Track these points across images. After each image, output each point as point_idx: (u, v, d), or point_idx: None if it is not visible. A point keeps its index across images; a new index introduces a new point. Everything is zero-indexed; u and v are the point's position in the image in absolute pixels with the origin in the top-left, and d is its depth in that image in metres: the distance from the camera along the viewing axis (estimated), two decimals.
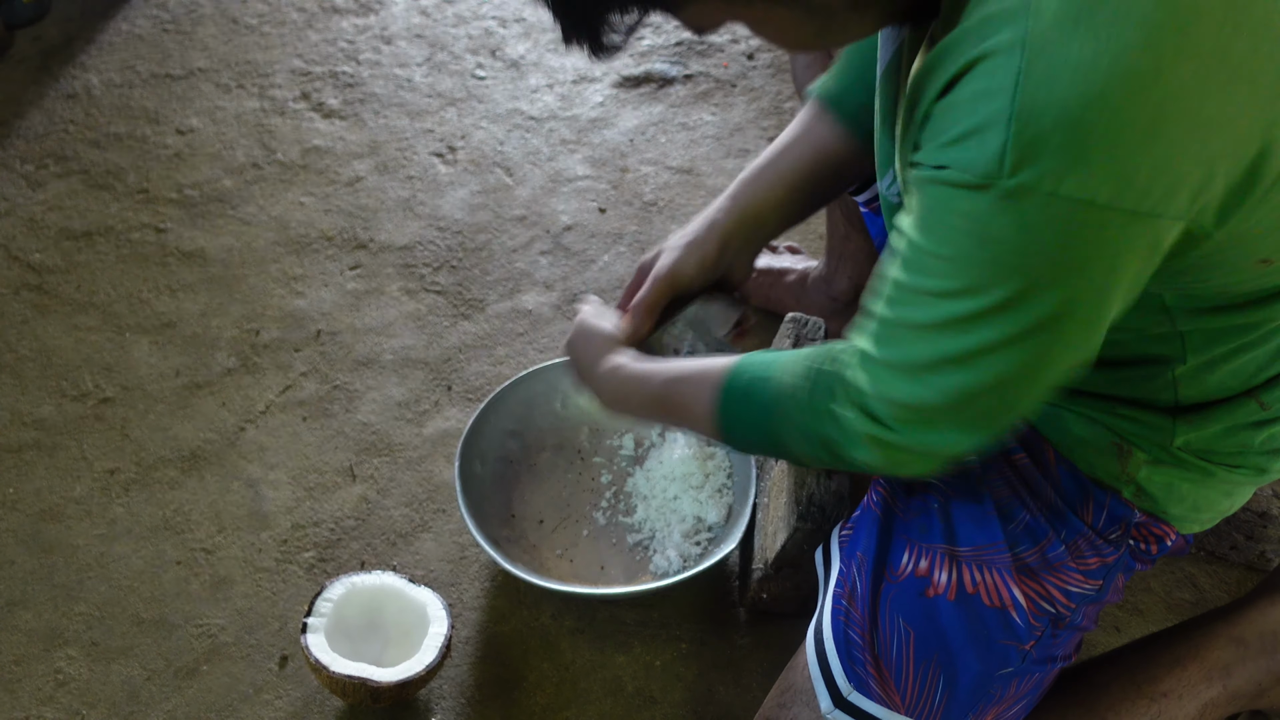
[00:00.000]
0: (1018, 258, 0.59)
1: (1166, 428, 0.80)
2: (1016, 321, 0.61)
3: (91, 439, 1.42)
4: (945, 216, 0.61)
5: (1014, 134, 0.55)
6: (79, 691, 1.18)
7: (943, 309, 0.64)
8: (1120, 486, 0.84)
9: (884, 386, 0.69)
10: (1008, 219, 0.57)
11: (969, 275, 0.61)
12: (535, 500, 1.29)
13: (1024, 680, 0.85)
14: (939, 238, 0.62)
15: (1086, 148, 0.54)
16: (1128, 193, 0.55)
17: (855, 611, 0.86)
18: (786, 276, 1.50)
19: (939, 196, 0.61)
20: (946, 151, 0.59)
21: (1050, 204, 0.56)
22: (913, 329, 0.66)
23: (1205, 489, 0.84)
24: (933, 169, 0.60)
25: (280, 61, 2.02)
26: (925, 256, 0.64)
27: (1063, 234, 0.57)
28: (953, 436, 0.69)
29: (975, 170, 0.57)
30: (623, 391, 0.93)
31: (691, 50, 2.00)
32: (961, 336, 0.64)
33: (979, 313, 0.62)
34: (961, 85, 0.58)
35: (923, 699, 0.83)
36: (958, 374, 0.65)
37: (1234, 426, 0.80)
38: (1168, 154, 0.54)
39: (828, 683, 0.86)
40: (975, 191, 0.58)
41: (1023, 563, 0.84)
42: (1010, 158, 0.55)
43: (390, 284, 1.61)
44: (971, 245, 0.60)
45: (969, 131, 0.57)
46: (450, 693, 1.16)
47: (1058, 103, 0.53)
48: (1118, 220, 0.56)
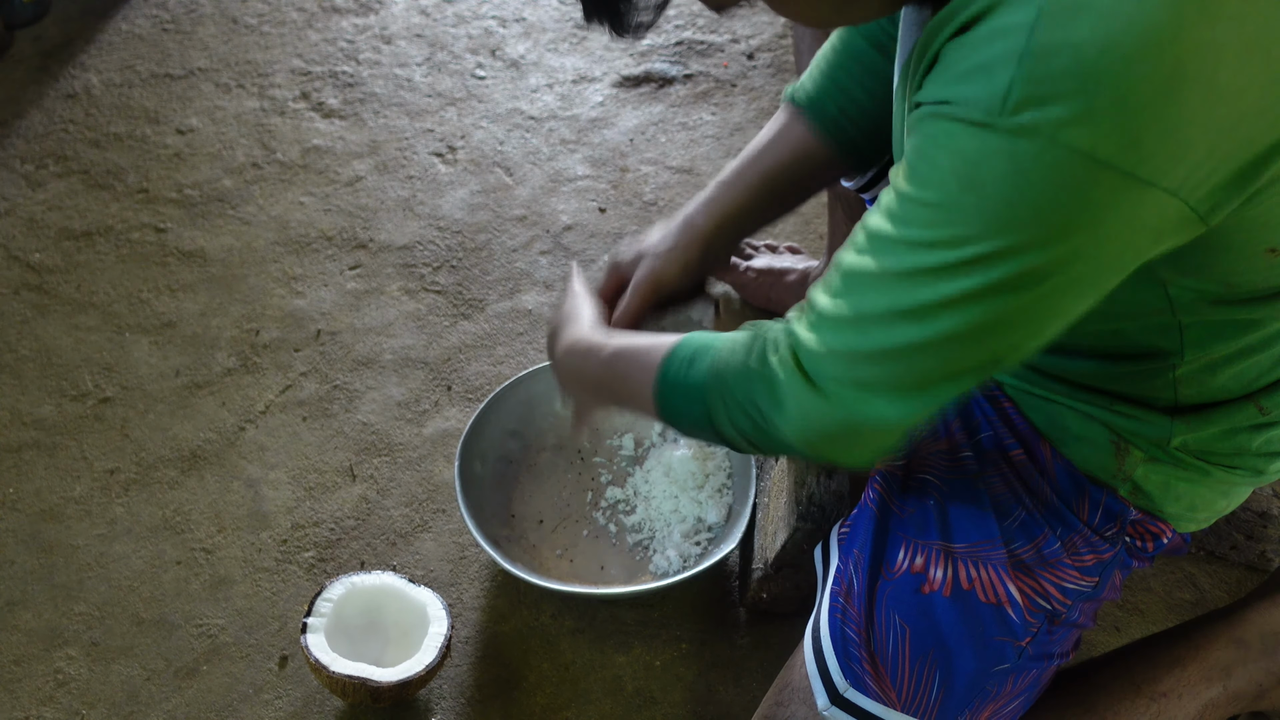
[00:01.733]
0: (1004, 206, 0.57)
1: (1164, 427, 0.80)
2: (984, 276, 0.59)
3: (91, 439, 1.42)
4: (937, 155, 0.59)
5: (1024, 72, 0.53)
6: (79, 691, 1.18)
7: (911, 258, 0.61)
8: (1116, 484, 0.84)
9: (824, 335, 0.67)
10: (1001, 161, 0.56)
11: (949, 223, 0.59)
12: (535, 500, 1.29)
13: (1020, 677, 0.85)
14: (926, 180, 0.60)
15: (1095, 97, 0.52)
16: (1129, 153, 0.54)
17: (852, 609, 0.86)
18: (787, 276, 1.50)
19: (935, 133, 0.59)
20: (951, 86, 0.57)
21: (1048, 151, 0.54)
22: (873, 277, 0.64)
23: (1202, 488, 0.84)
24: (934, 104, 0.59)
25: (280, 61, 2.02)
26: (907, 203, 0.62)
27: (1056, 184, 0.55)
28: (881, 404, 0.65)
29: (978, 105, 0.56)
30: (573, 362, 0.91)
31: (691, 50, 2.00)
32: (921, 288, 0.61)
33: (948, 265, 0.60)
34: (980, 25, 0.56)
35: (919, 695, 0.83)
36: (905, 327, 0.62)
37: (1232, 429, 0.80)
38: (1175, 120, 0.53)
39: (824, 680, 0.86)
40: (974, 129, 0.56)
41: (1018, 559, 0.84)
42: (1016, 95, 0.54)
43: (390, 284, 1.62)
44: (958, 188, 0.58)
45: (978, 66, 0.56)
46: (450, 693, 1.16)
47: (1073, 46, 0.52)
48: (1112, 181, 0.55)
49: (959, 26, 0.58)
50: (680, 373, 0.79)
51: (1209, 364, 0.76)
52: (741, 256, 1.57)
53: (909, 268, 0.62)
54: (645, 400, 0.82)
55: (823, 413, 0.68)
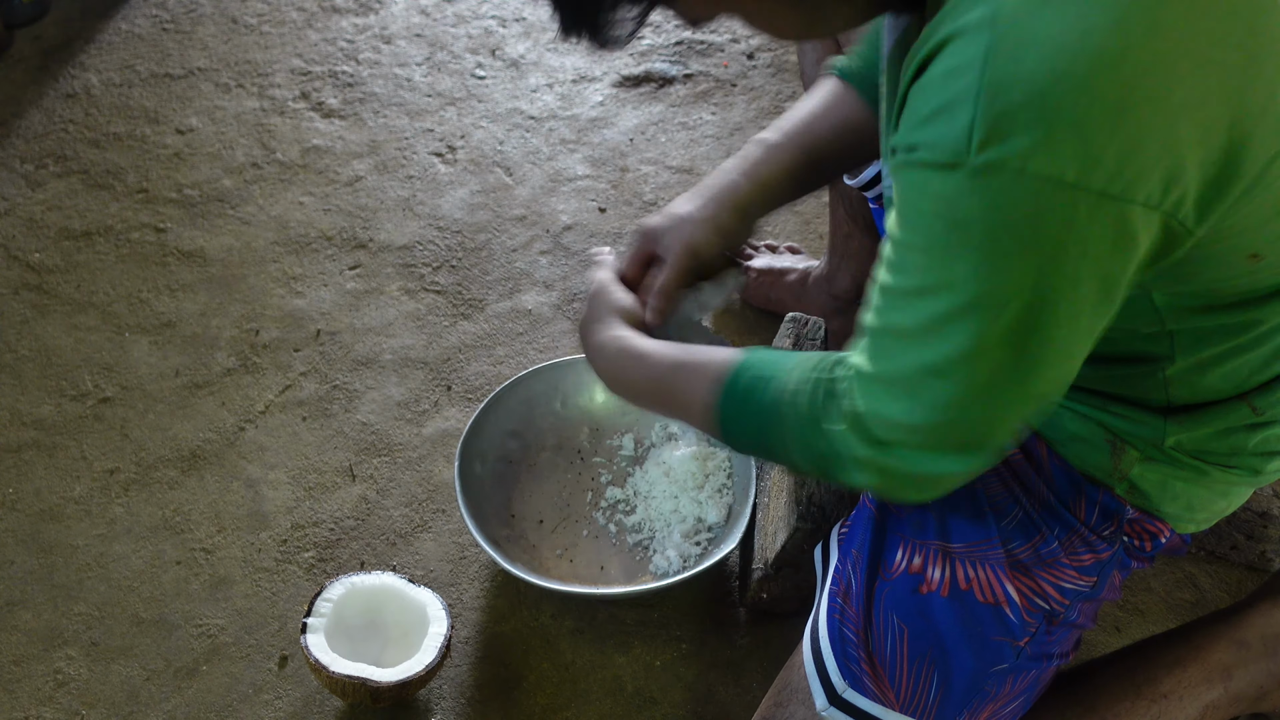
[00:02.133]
0: (988, 241, 0.58)
1: (1158, 427, 0.80)
2: (990, 319, 0.60)
3: (91, 439, 1.42)
4: (918, 202, 0.60)
5: (982, 109, 0.54)
6: (78, 691, 1.18)
7: (920, 310, 0.63)
8: (1113, 483, 0.84)
9: (877, 405, 0.68)
10: (976, 199, 0.57)
11: (940, 267, 0.60)
12: (535, 500, 1.29)
13: (1019, 677, 0.85)
14: (913, 226, 0.61)
15: (1054, 124, 0.53)
16: (1096, 172, 0.54)
17: (850, 609, 0.86)
18: (787, 276, 1.50)
19: (912, 181, 0.60)
20: (917, 131, 0.58)
21: (1018, 182, 0.55)
22: (897, 336, 0.65)
23: (1199, 488, 0.84)
24: (905, 152, 0.60)
25: (280, 61, 2.02)
26: (902, 251, 0.63)
27: (1032, 214, 0.56)
28: (947, 460, 0.68)
29: (944, 148, 0.57)
30: (620, 365, 0.90)
31: (691, 50, 2.00)
32: (939, 341, 0.62)
33: (952, 311, 0.61)
34: (934, 65, 0.57)
35: (917, 695, 0.83)
36: (941, 385, 0.64)
37: (1226, 429, 0.80)
38: (1135, 135, 0.54)
39: (823, 680, 0.86)
40: (945, 171, 0.57)
41: (1016, 559, 0.84)
42: (978, 134, 0.55)
43: (390, 284, 1.61)
44: (942, 230, 0.59)
45: (938, 109, 0.57)
46: (450, 693, 1.16)
47: (1025, 78, 0.53)
48: (1087, 201, 0.55)
49: (916, 69, 0.59)
50: (742, 407, 0.79)
51: (1198, 365, 0.76)
52: (742, 256, 1.57)
53: (922, 320, 0.63)
54: (700, 419, 0.83)
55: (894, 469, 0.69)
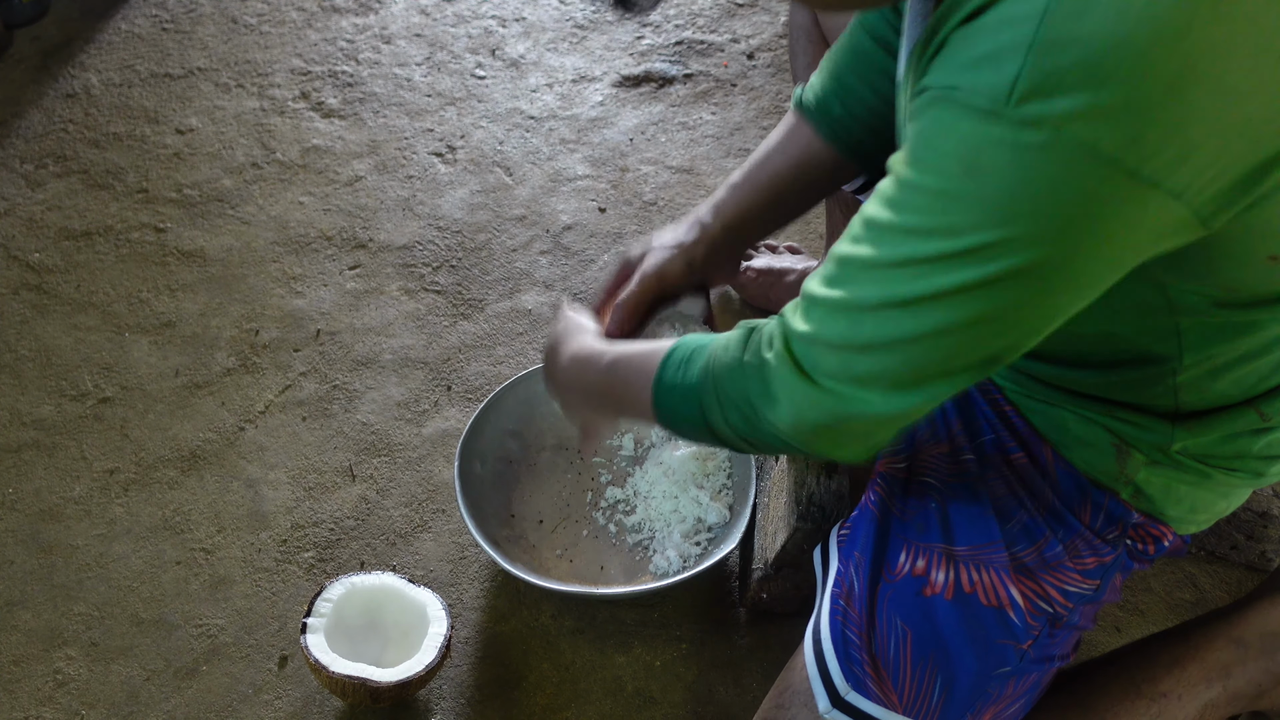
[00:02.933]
0: (1004, 196, 0.56)
1: (1165, 433, 0.80)
2: (980, 269, 0.59)
3: (91, 439, 1.42)
4: (940, 140, 0.59)
5: (1032, 62, 0.53)
6: (78, 691, 1.18)
7: (908, 247, 0.61)
8: (1118, 487, 0.84)
9: (817, 324, 0.67)
10: (1004, 151, 0.55)
11: (947, 211, 0.59)
12: (535, 500, 1.29)
13: (1021, 680, 0.85)
14: (927, 165, 0.60)
15: (1103, 91, 0.52)
16: (1134, 149, 0.53)
17: (853, 611, 0.86)
18: (786, 276, 1.50)
19: (940, 117, 0.58)
20: (959, 73, 0.57)
21: (1053, 142, 0.54)
22: (869, 265, 0.64)
23: (1202, 491, 0.84)
24: (941, 89, 0.58)
25: (280, 61, 2.02)
26: (906, 189, 0.61)
27: (1057, 178, 0.55)
28: (873, 397, 0.66)
29: (985, 93, 0.55)
30: (576, 374, 0.92)
31: (691, 50, 2.00)
32: (918, 279, 0.61)
33: (945, 255, 0.59)
34: (989, 13, 0.56)
35: (920, 698, 0.83)
36: (899, 318, 0.62)
37: (1233, 434, 0.80)
38: (1184, 116, 0.52)
39: (825, 683, 0.86)
40: (979, 116, 0.56)
41: (1020, 562, 0.84)
42: (1023, 86, 0.53)
43: (390, 284, 1.61)
44: (960, 174, 0.58)
45: (986, 54, 0.55)
46: (450, 693, 1.16)
47: (1083, 38, 0.51)
48: (1115, 179, 0.54)
49: (968, 13, 0.57)
50: (676, 375, 0.80)
51: (1209, 370, 0.75)
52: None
53: (905, 256, 0.61)
54: (644, 405, 0.83)
55: (814, 403, 0.68)
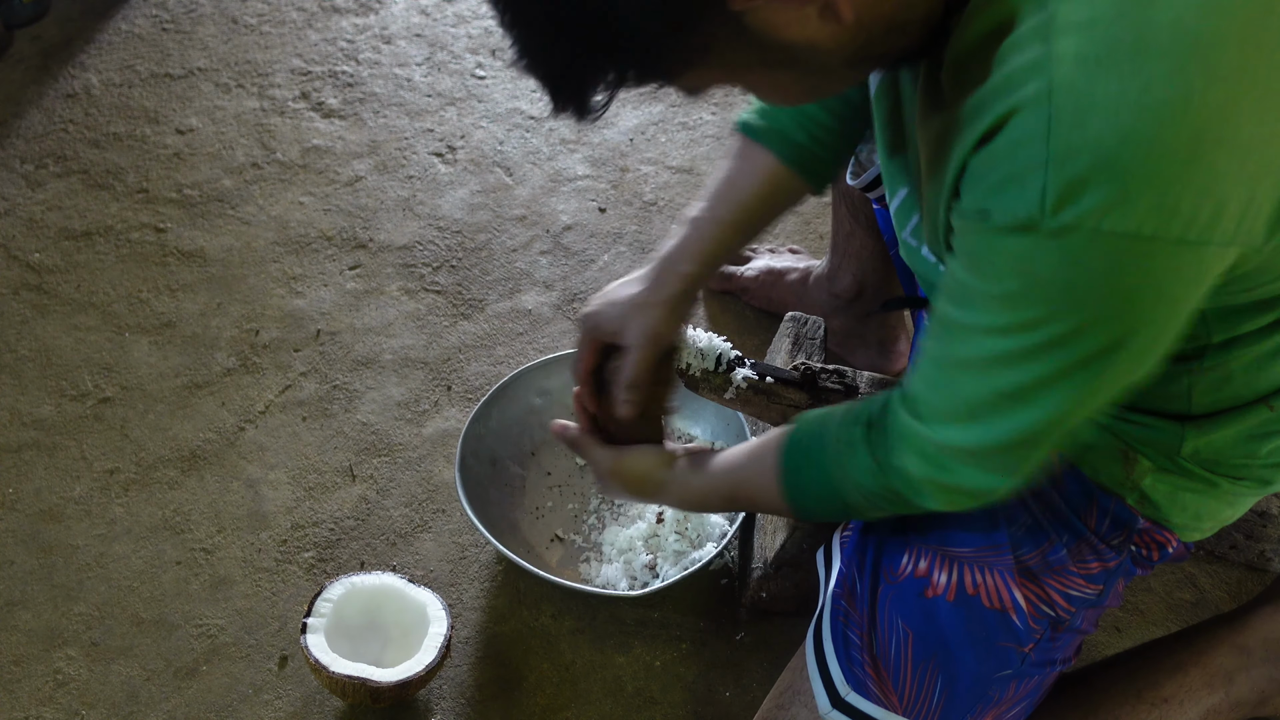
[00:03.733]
0: (1068, 294, 0.59)
1: (1175, 434, 0.80)
2: (1070, 355, 0.62)
3: (91, 439, 1.42)
4: (991, 256, 0.61)
5: (1052, 176, 0.55)
6: (78, 691, 1.18)
7: (993, 345, 0.64)
8: (1124, 493, 0.83)
9: (940, 430, 0.71)
10: (1054, 258, 0.58)
11: (1021, 311, 0.62)
12: (534, 500, 1.29)
13: (1023, 683, 0.85)
14: (988, 276, 0.62)
15: (1126, 183, 0.53)
16: (1173, 222, 0.55)
17: (854, 612, 0.86)
18: (788, 276, 1.50)
19: (982, 240, 0.61)
20: (988, 198, 0.59)
21: (1095, 240, 0.56)
22: (965, 366, 0.67)
23: (1208, 499, 0.83)
24: (976, 217, 0.61)
25: (280, 61, 2.02)
26: (976, 295, 0.64)
27: (1111, 269, 0.57)
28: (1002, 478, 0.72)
29: (1018, 212, 0.57)
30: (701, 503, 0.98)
31: None
32: (1015, 370, 0.64)
33: (1031, 348, 0.63)
34: (999, 138, 0.58)
35: (921, 700, 0.83)
36: (1015, 410, 0.66)
37: (1242, 436, 0.79)
38: (1208, 180, 0.54)
39: (826, 683, 0.86)
40: (1019, 234, 0.58)
41: (1024, 565, 0.84)
42: (1050, 198, 0.55)
43: (390, 284, 1.61)
44: (1020, 282, 0.61)
45: (1007, 178, 0.57)
46: (450, 693, 1.16)
47: (1092, 142, 0.53)
48: (1165, 250, 0.56)
49: (979, 138, 0.59)
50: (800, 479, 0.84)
51: (1226, 373, 0.76)
52: (740, 261, 1.57)
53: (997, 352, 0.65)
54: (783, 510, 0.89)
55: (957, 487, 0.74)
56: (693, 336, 1.05)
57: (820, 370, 1.10)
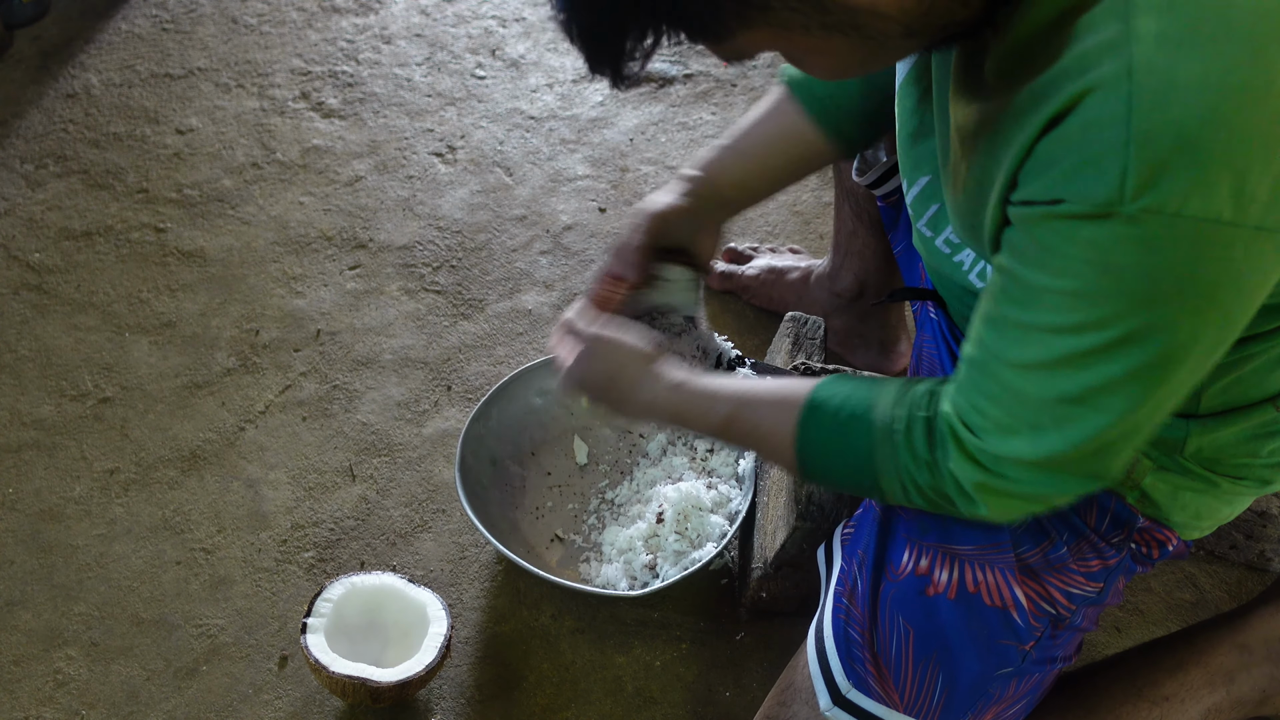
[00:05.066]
0: (1144, 284, 0.58)
1: (1180, 432, 0.79)
2: (1142, 354, 0.60)
3: (91, 439, 1.42)
4: (1064, 248, 0.59)
5: (1133, 159, 0.54)
6: (78, 691, 1.17)
7: (1060, 344, 0.62)
8: (1124, 492, 0.84)
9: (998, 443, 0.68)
10: (1132, 245, 0.56)
11: (1092, 308, 0.60)
12: (534, 499, 1.29)
13: (1023, 680, 0.85)
14: (1056, 270, 0.60)
15: (1208, 166, 0.53)
16: (1252, 208, 0.54)
17: (855, 610, 0.86)
18: (789, 275, 1.50)
19: (1056, 229, 0.59)
20: (1061, 185, 0.58)
21: (1175, 225, 0.55)
22: (1027, 370, 0.65)
23: (1208, 498, 0.84)
24: (1045, 204, 0.59)
25: (280, 61, 2.02)
26: (1040, 292, 0.62)
27: (1190, 255, 0.56)
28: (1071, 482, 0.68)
29: (1095, 199, 0.56)
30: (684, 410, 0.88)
31: (691, 50, 2.00)
32: (1084, 372, 0.62)
33: (1101, 347, 0.61)
34: (1070, 119, 0.56)
35: (921, 697, 0.83)
36: (1081, 415, 0.64)
37: (1245, 435, 0.79)
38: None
39: (827, 681, 0.86)
40: (1097, 221, 0.57)
41: (1024, 563, 0.84)
42: (1132, 183, 0.54)
43: (390, 284, 1.61)
44: (1094, 275, 0.59)
45: (1085, 161, 0.56)
46: (450, 693, 1.16)
47: (1174, 124, 0.53)
48: (1244, 238, 0.55)
49: (1048, 120, 0.58)
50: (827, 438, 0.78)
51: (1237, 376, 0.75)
52: (741, 260, 1.57)
53: (1060, 354, 0.62)
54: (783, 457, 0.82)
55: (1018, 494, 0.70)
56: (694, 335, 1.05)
57: (820, 370, 1.10)
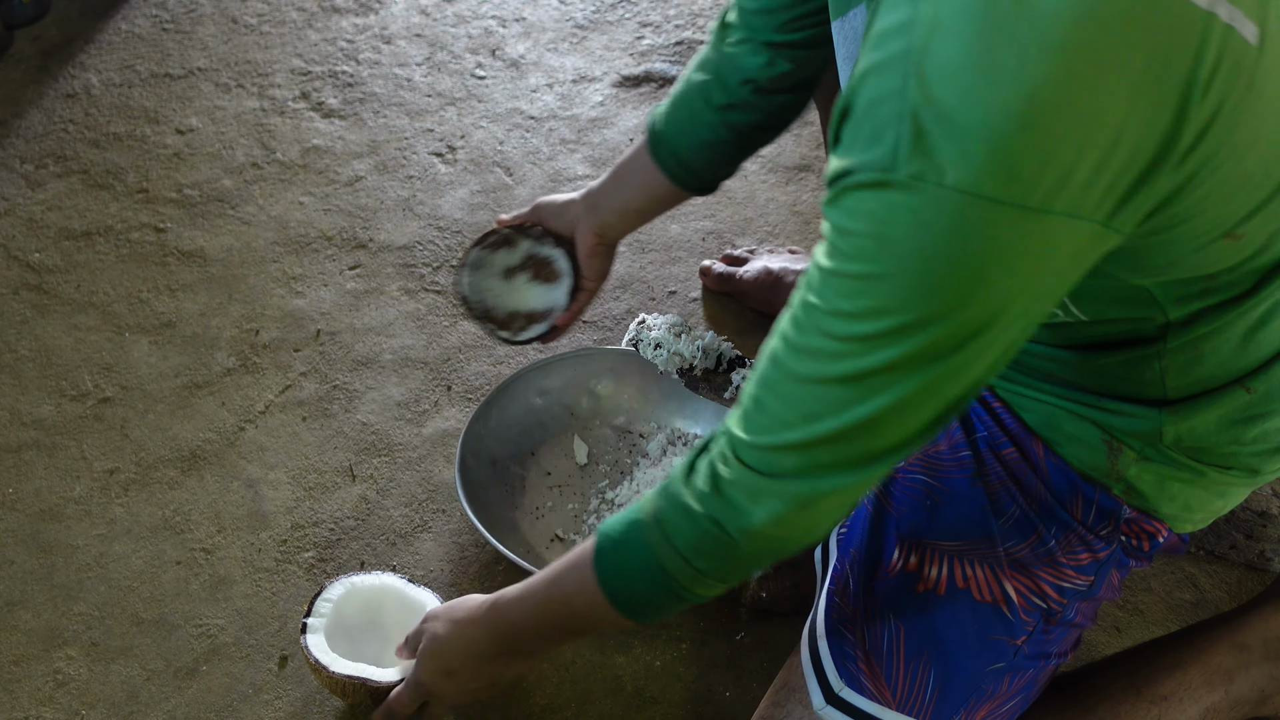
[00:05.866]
0: (918, 262, 0.59)
1: (1154, 420, 0.80)
2: (921, 338, 0.60)
3: (91, 439, 1.42)
4: (851, 224, 0.61)
5: (904, 130, 0.56)
6: (78, 691, 1.18)
7: (841, 328, 0.62)
8: (1109, 483, 0.84)
9: (772, 430, 0.67)
10: (905, 215, 0.58)
11: (872, 294, 0.61)
12: (534, 499, 1.30)
13: (1017, 676, 0.85)
14: (844, 253, 0.62)
15: (966, 141, 0.55)
16: (1013, 185, 0.55)
17: (847, 607, 0.86)
18: (786, 278, 1.50)
19: (845, 206, 0.61)
20: (850, 156, 0.60)
21: (940, 198, 0.56)
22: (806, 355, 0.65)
23: (1197, 489, 0.84)
24: (839, 177, 0.61)
25: (280, 61, 2.02)
26: (829, 277, 0.63)
27: (956, 230, 0.57)
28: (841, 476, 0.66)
29: (875, 165, 0.58)
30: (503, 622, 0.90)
31: (691, 50, 2.00)
32: (859, 357, 0.62)
33: (880, 332, 0.61)
34: (857, 99, 0.60)
35: (914, 694, 0.84)
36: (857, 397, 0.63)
37: (1223, 421, 0.79)
38: (1048, 144, 0.55)
39: (820, 679, 0.87)
40: (876, 190, 0.59)
41: (1013, 557, 0.84)
42: (904, 150, 0.57)
43: (390, 284, 1.62)
44: (874, 251, 0.60)
45: (869, 134, 0.59)
46: None
47: (938, 100, 0.55)
48: (1008, 217, 0.56)
49: (844, 105, 0.61)
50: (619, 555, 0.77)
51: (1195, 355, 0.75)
52: (738, 264, 1.57)
53: (842, 334, 0.63)
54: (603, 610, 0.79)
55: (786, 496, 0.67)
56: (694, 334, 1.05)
57: None
